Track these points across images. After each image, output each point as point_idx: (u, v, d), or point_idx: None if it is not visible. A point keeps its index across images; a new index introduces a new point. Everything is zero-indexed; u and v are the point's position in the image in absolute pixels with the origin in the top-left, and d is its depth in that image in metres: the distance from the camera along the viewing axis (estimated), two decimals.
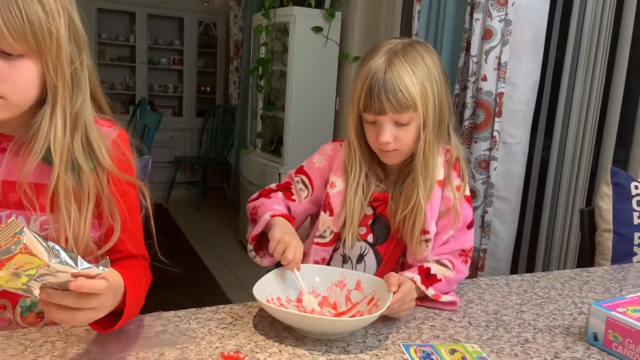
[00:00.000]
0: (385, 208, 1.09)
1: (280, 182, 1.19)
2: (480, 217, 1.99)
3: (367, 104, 0.99)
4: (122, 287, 0.76)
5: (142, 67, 4.83)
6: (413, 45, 1.01)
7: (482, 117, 1.94)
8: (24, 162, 0.79)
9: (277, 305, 0.91)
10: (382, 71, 0.97)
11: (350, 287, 0.97)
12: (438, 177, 1.06)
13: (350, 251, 1.10)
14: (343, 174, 1.09)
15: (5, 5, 0.68)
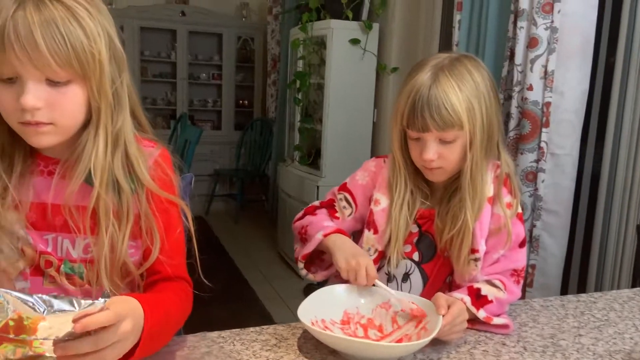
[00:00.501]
0: (431, 225, 1.06)
1: (324, 200, 1.17)
2: (528, 231, 1.92)
3: (410, 121, 0.96)
4: (141, 310, 0.73)
5: (182, 83, 4.93)
6: (461, 60, 0.98)
7: (528, 128, 1.87)
8: (69, 184, 0.79)
9: (321, 327, 0.88)
10: (427, 87, 0.94)
11: (396, 308, 0.93)
12: (487, 194, 1.02)
13: (396, 269, 1.07)
14: (387, 191, 1.07)
15: (49, 34, 0.69)
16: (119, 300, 0.72)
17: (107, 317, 0.64)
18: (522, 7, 1.85)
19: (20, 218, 0.80)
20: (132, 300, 0.73)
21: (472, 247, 1.01)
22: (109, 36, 0.77)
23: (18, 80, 0.72)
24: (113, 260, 0.82)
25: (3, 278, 0.81)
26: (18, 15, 0.69)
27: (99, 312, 0.63)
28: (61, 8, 0.71)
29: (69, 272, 0.83)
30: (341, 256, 0.96)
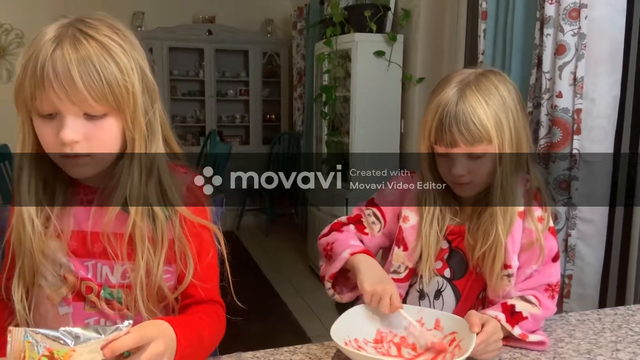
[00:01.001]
0: (462, 241, 1.05)
1: (350, 215, 1.17)
2: (563, 240, 1.88)
3: (438, 137, 0.96)
4: (172, 332, 0.75)
5: (210, 100, 5.03)
6: (486, 75, 0.98)
7: (559, 136, 1.84)
8: (106, 212, 0.82)
9: (355, 347, 0.89)
10: (454, 103, 0.94)
11: (429, 326, 0.93)
12: (518, 209, 1.01)
13: (428, 287, 1.06)
14: (416, 208, 1.06)
15: (85, 71, 0.72)
16: (147, 324, 0.74)
17: (133, 339, 0.67)
18: (549, 14, 1.83)
19: (62, 246, 0.84)
20: (162, 323, 0.76)
21: (504, 263, 1.00)
22: (142, 69, 0.80)
23: (57, 116, 0.75)
24: (149, 285, 0.85)
25: (47, 304, 0.85)
26: (56, 55, 0.72)
27: (125, 336, 0.66)
28: (96, 45, 0.74)
29: (108, 297, 0.85)
30: (367, 279, 0.95)
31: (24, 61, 0.74)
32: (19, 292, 0.83)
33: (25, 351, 0.64)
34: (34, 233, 0.81)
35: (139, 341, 0.68)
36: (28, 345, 0.64)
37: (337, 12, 3.23)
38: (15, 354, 0.65)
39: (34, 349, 0.65)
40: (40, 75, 0.72)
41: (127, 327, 0.68)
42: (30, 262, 0.82)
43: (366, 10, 3.03)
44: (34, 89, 0.73)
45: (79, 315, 0.85)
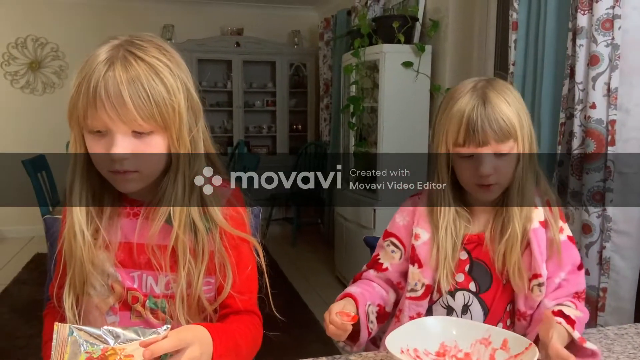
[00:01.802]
0: (481, 251, 1.06)
1: (370, 259, 1.18)
2: (597, 252, 1.85)
3: (467, 138, 0.97)
4: (209, 338, 0.78)
5: (238, 111, 5.10)
6: (496, 80, 1.02)
7: (593, 147, 1.82)
8: (152, 225, 0.85)
9: (412, 356, 0.89)
10: (479, 104, 0.97)
11: (496, 345, 0.92)
12: (539, 218, 1.03)
13: (454, 302, 1.06)
14: (426, 224, 1.07)
15: (134, 92, 0.76)
16: (185, 329, 0.77)
17: (172, 343, 0.70)
18: (581, 25, 1.82)
19: (110, 257, 0.87)
20: (199, 328, 0.78)
21: (534, 272, 1.01)
22: (187, 88, 0.83)
23: (108, 133, 0.79)
24: (190, 296, 0.87)
25: (96, 313, 0.88)
26: (108, 76, 0.76)
27: (164, 339, 0.69)
28: (144, 67, 0.78)
29: (153, 307, 0.88)
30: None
31: (78, 81, 0.78)
32: (69, 300, 0.86)
33: (67, 346, 0.67)
34: (84, 244, 0.84)
35: (177, 345, 0.71)
36: (72, 340, 0.67)
37: (365, 24, 3.25)
38: (60, 348, 0.67)
39: (78, 346, 0.67)
40: (93, 95, 0.76)
41: (166, 330, 0.71)
42: (80, 272, 0.85)
43: (394, 21, 3.05)
44: (87, 108, 0.77)
45: (125, 324, 0.88)
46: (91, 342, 0.68)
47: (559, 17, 2.03)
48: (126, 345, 0.68)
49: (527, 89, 2.18)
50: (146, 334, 0.69)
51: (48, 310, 0.98)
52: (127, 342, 0.69)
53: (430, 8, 3.15)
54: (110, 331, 0.69)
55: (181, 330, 0.75)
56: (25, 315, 3.02)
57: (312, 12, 5.36)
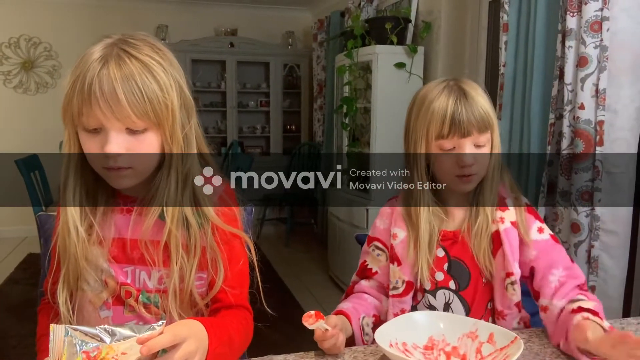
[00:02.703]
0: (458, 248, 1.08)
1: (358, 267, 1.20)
2: (586, 252, 1.88)
3: (452, 129, 1.01)
4: (204, 332, 0.79)
5: (232, 111, 5.10)
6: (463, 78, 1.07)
7: (581, 147, 1.85)
8: (145, 221, 0.87)
9: (401, 350, 0.90)
10: (461, 97, 1.01)
11: (483, 339, 0.94)
12: (511, 218, 1.07)
13: (435, 301, 1.08)
14: (402, 222, 1.10)
15: (128, 89, 0.77)
16: (180, 324, 0.78)
17: (168, 338, 0.70)
18: (570, 27, 1.85)
19: (104, 252, 0.88)
20: (195, 323, 0.79)
21: (507, 271, 1.04)
22: (180, 86, 0.85)
23: (102, 131, 0.80)
24: (182, 291, 0.89)
25: (89, 307, 0.89)
26: (103, 74, 0.77)
27: (160, 335, 0.70)
28: (138, 64, 0.79)
29: (146, 302, 0.89)
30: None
31: (72, 79, 0.79)
32: (63, 296, 0.87)
33: (64, 347, 0.68)
34: (78, 239, 0.85)
35: (174, 340, 0.72)
36: (68, 341, 0.68)
37: (358, 25, 3.27)
38: (57, 350, 0.69)
39: (74, 346, 0.68)
40: (88, 93, 0.77)
41: (161, 326, 0.72)
42: (74, 267, 0.86)
43: (387, 22, 3.07)
44: (82, 105, 0.78)
45: (119, 318, 0.89)
46: (87, 342, 0.69)
47: (548, 19, 2.06)
48: (122, 343, 0.69)
49: (517, 90, 2.20)
50: (142, 330, 0.70)
51: (42, 305, 0.99)
52: (123, 339, 0.69)
53: (423, 10, 3.18)
54: (106, 329, 0.69)
55: (177, 325, 0.77)
56: (18, 314, 3.02)
57: (306, 13, 5.38)
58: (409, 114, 1.10)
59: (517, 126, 2.19)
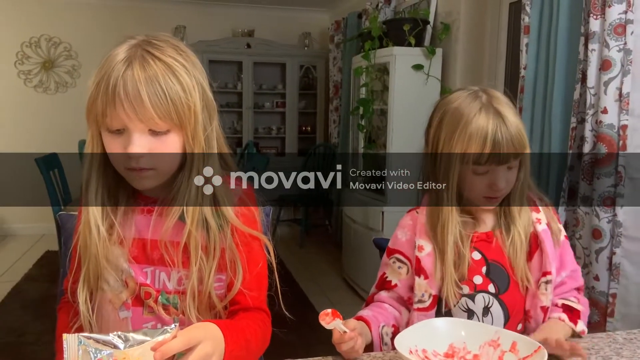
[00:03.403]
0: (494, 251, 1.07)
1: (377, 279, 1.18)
2: (607, 258, 1.84)
3: (489, 159, 0.99)
4: (221, 335, 0.78)
5: (248, 112, 5.12)
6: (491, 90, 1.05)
7: (604, 151, 1.82)
8: (165, 221, 0.86)
9: (421, 357, 0.89)
10: (501, 124, 0.98)
11: (505, 348, 0.92)
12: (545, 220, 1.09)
13: (474, 305, 1.06)
14: (427, 236, 1.08)
15: (152, 91, 0.77)
16: (195, 327, 0.77)
17: (182, 342, 0.70)
18: (593, 30, 1.82)
19: (124, 253, 0.88)
20: (210, 325, 0.79)
21: (544, 270, 1.05)
22: (202, 88, 0.84)
23: (125, 132, 0.80)
24: (201, 293, 0.88)
25: (109, 308, 0.89)
26: (127, 75, 0.77)
27: (174, 340, 0.69)
28: (162, 66, 0.79)
29: (165, 303, 0.89)
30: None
31: (97, 80, 0.79)
32: (83, 295, 0.88)
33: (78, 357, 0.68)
34: (99, 239, 0.85)
35: (188, 343, 0.71)
36: (82, 349, 0.68)
37: (376, 26, 3.25)
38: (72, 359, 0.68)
39: (88, 354, 0.68)
40: (112, 94, 0.77)
41: (174, 329, 0.71)
42: (94, 267, 0.87)
43: (405, 24, 3.05)
44: (105, 106, 0.78)
45: (138, 319, 0.89)
46: (100, 349, 0.68)
47: (571, 22, 2.03)
48: (136, 348, 0.69)
49: (538, 93, 2.17)
50: (155, 335, 0.70)
51: (62, 304, 0.99)
52: (136, 344, 0.69)
53: (442, 11, 3.16)
54: (119, 335, 0.69)
55: (191, 328, 0.76)
56: (35, 311, 3.05)
57: (323, 14, 5.38)
58: (439, 124, 1.06)
59: (538, 130, 2.16)
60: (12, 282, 3.54)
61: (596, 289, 1.87)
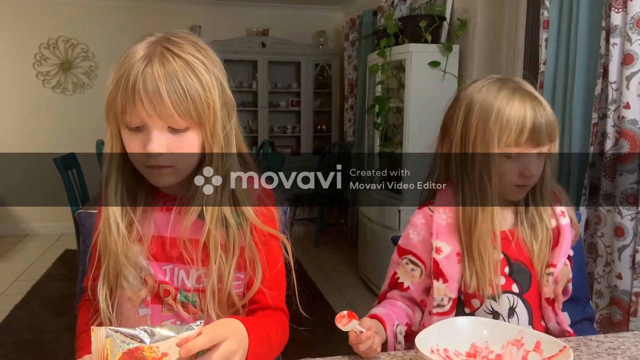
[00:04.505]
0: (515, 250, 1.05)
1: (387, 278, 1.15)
2: (630, 256, 1.80)
3: (528, 139, 0.97)
4: (245, 331, 0.78)
5: (263, 111, 5.13)
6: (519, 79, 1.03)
7: (626, 148, 1.78)
8: (184, 219, 0.86)
9: (442, 356, 0.88)
10: (538, 106, 0.97)
11: (529, 347, 0.90)
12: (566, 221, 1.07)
13: (499, 306, 1.03)
14: (447, 237, 1.04)
15: (171, 88, 0.77)
16: (219, 323, 0.77)
17: (207, 339, 0.70)
18: (615, 23, 1.78)
19: (143, 250, 0.88)
20: (234, 321, 0.78)
21: (549, 262, 1.03)
22: (221, 85, 0.84)
23: (144, 129, 0.80)
24: (220, 291, 0.88)
25: (128, 305, 0.89)
26: (147, 72, 0.77)
27: (199, 337, 0.69)
28: (181, 63, 0.79)
29: (184, 301, 0.89)
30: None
31: (117, 77, 0.79)
32: (103, 292, 0.88)
33: (107, 348, 0.68)
34: (119, 236, 0.85)
35: (212, 340, 0.71)
36: (110, 342, 0.68)
37: (391, 23, 3.23)
38: (99, 351, 0.69)
39: (116, 346, 0.69)
40: (132, 91, 0.77)
41: (199, 326, 0.71)
42: (114, 264, 0.87)
43: (421, 20, 3.03)
44: (125, 103, 0.78)
45: (157, 317, 0.89)
46: (127, 342, 0.69)
47: (591, 15, 1.99)
48: (162, 343, 0.69)
49: (559, 89, 2.14)
50: (181, 331, 0.70)
51: (82, 302, 0.99)
52: (162, 339, 0.69)
53: (458, 7, 3.12)
54: (146, 330, 0.69)
55: (216, 325, 0.76)
56: (55, 309, 3.09)
57: (338, 12, 5.37)
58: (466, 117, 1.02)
59: (559, 126, 2.12)
60: (32, 281, 3.59)
61: (619, 287, 1.83)
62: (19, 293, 3.36)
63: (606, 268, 1.89)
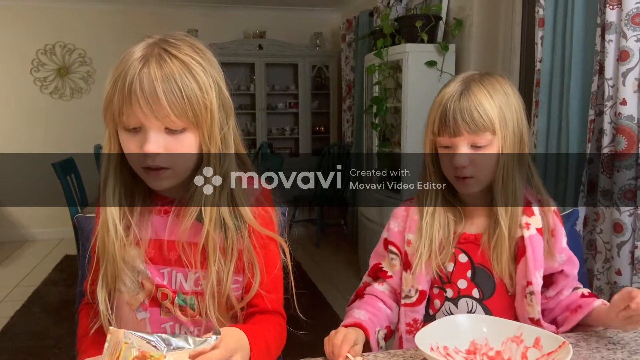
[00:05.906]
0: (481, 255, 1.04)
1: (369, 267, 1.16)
2: (629, 252, 1.81)
3: (442, 127, 0.97)
4: (247, 342, 0.78)
5: (261, 113, 5.13)
6: (491, 74, 1.01)
7: (623, 144, 1.78)
8: (182, 222, 0.86)
9: (443, 354, 0.88)
10: (458, 93, 0.96)
11: (528, 343, 0.90)
12: (537, 225, 1.02)
13: (457, 310, 1.04)
14: (417, 230, 1.05)
15: (168, 88, 0.77)
16: (229, 334, 0.76)
17: (221, 355, 0.70)
18: (610, 20, 1.78)
19: (141, 253, 0.88)
20: (239, 333, 0.78)
21: (527, 280, 1.00)
22: (219, 86, 0.84)
23: (141, 130, 0.80)
24: (219, 294, 0.88)
25: (126, 309, 0.89)
26: (143, 73, 0.77)
27: (213, 351, 0.69)
28: (178, 64, 0.79)
29: (182, 304, 0.89)
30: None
31: (114, 78, 0.79)
32: (102, 295, 0.88)
33: (121, 350, 0.68)
34: (117, 239, 0.85)
35: (226, 355, 0.71)
36: (125, 346, 0.68)
37: (388, 24, 3.24)
38: (112, 352, 0.68)
39: (129, 349, 0.68)
40: (128, 92, 0.77)
41: (215, 340, 0.71)
42: (112, 268, 0.87)
43: (417, 20, 3.03)
44: (122, 104, 0.78)
45: (155, 320, 0.89)
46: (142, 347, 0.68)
47: (586, 13, 1.99)
48: (176, 353, 0.68)
49: (555, 86, 2.14)
50: (196, 343, 0.69)
51: (82, 306, 0.99)
52: (177, 349, 0.69)
53: (454, 6, 3.13)
54: (162, 338, 0.69)
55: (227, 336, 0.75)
56: (55, 315, 3.09)
57: (334, 13, 5.37)
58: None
59: (555, 123, 2.13)
60: (32, 287, 3.59)
61: (619, 283, 1.83)
62: (19, 299, 3.36)
63: (605, 264, 1.89)
